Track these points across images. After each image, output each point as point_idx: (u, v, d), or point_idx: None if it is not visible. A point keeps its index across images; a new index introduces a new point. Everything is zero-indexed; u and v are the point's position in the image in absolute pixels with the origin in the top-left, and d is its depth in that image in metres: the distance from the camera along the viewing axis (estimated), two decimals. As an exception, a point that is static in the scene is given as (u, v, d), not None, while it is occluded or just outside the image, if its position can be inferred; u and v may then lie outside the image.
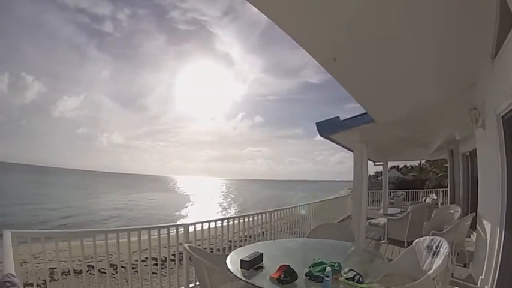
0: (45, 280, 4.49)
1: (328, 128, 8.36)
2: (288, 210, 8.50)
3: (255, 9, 2.72)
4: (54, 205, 40.65)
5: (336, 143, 9.95)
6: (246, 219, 6.84)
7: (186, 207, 52.67)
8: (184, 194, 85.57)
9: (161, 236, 5.21)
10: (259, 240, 6.81)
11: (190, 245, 4.34)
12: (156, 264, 5.91)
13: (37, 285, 4.11)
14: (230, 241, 6.39)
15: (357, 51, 3.94)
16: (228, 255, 3.72)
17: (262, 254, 3.42)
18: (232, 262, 3.42)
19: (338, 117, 8.09)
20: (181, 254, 5.72)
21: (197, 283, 5.36)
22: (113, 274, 6.22)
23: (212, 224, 5.99)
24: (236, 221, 6.56)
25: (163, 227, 5.34)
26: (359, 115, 7.47)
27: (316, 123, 8.31)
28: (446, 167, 17.89)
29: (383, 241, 9.12)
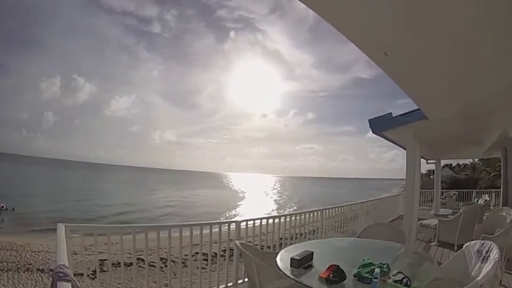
0: (94, 270, 4.78)
1: (380, 125, 8.25)
2: (339, 209, 8.51)
3: (302, 5, 2.70)
4: (108, 201, 42.33)
5: (389, 140, 9.82)
6: (297, 217, 6.90)
7: (238, 204, 53.03)
8: (236, 190, 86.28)
9: (212, 232, 5.41)
10: (309, 239, 6.88)
11: (241, 241, 4.48)
12: (206, 260, 6.12)
13: (87, 275, 4.40)
14: (280, 238, 6.49)
15: (409, 45, 3.81)
16: (278, 253, 3.81)
17: (312, 252, 3.48)
18: (282, 260, 3.50)
19: (390, 113, 7.99)
20: (232, 250, 5.75)
21: (245, 279, 5.50)
22: (162, 268, 6.50)
23: (263, 222, 6.12)
24: (288, 219, 6.60)
25: (215, 223, 5.52)
26: (412, 111, 7.35)
27: (368, 120, 8.24)
28: (500, 165, 17.32)
29: (433, 243, 8.96)
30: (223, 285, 5.53)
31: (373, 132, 8.47)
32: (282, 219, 6.50)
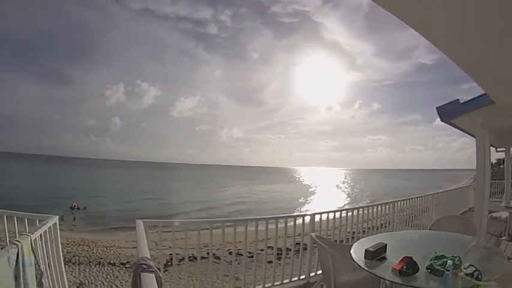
0: (166, 264, 5.07)
1: (448, 113, 8.09)
2: (408, 202, 8.51)
3: (354, -6, 2.51)
4: (179, 199, 43.61)
5: (458, 128, 9.56)
6: (368, 210, 7.02)
7: (308, 198, 52.87)
8: (306, 185, 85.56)
9: (279, 225, 5.54)
10: (378, 232, 6.88)
11: (316, 234, 4.68)
12: (278, 253, 6.18)
13: (158, 269, 4.73)
14: (349, 232, 6.58)
15: (473, 27, 3.54)
16: (352, 245, 3.91)
17: (385, 245, 3.56)
18: (357, 252, 3.59)
19: (458, 99, 7.80)
20: (302, 244, 5.93)
21: (318, 272, 5.63)
22: (232, 262, 6.75)
23: (337, 215, 6.25)
24: (359, 212, 6.74)
25: (290, 216, 5.67)
26: (479, 96, 7.13)
27: (436, 108, 8.07)
28: None
29: (504, 237, 8.73)
30: (296, 278, 5.67)
31: (441, 120, 8.28)
32: (351, 213, 6.60)
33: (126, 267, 11.03)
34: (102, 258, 12.22)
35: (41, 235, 3.62)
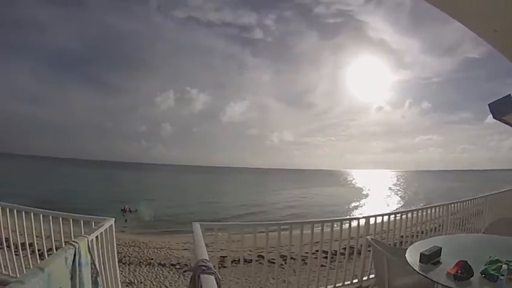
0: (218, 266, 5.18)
1: (501, 109, 7.84)
2: (461, 204, 8.27)
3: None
4: (230, 202, 44.05)
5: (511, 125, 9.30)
6: (420, 213, 6.88)
7: (360, 201, 52.24)
8: (357, 187, 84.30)
9: (334, 228, 5.47)
10: (431, 236, 6.70)
11: (371, 237, 4.68)
12: (333, 257, 5.92)
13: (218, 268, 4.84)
14: (402, 236, 6.53)
15: None
16: (406, 249, 3.88)
17: (440, 248, 3.53)
18: (411, 255, 3.58)
19: (509, 95, 7.61)
20: (352, 247, 5.93)
21: (371, 276, 5.57)
22: (282, 264, 6.80)
23: (386, 218, 6.14)
24: (413, 215, 6.67)
25: (345, 219, 5.76)
26: None
27: (488, 105, 7.80)
28: None
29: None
30: (348, 282, 5.66)
31: (494, 117, 8.03)
32: (408, 215, 6.55)
33: (176, 268, 11.26)
34: (152, 259, 12.52)
35: (97, 236, 3.80)
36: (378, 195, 63.44)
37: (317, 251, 5.60)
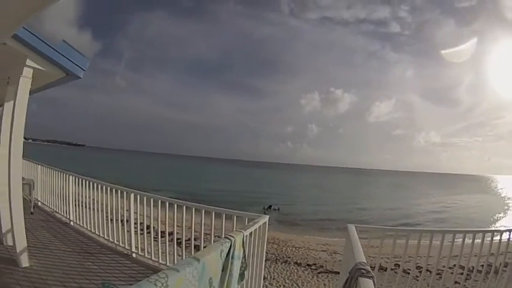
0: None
1: None
2: None
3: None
4: (379, 205, 44.23)
5: None
6: None
7: (508, 211, 47.98)
8: (506, 196, 76.67)
9: (474, 241, 5.04)
10: None
11: None
12: (470, 273, 5.72)
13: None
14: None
15: None
16: None
17: None
18: None
19: None
20: (490, 265, 5.36)
21: None
22: (417, 276, 6.77)
23: None
24: None
25: (497, 231, 5.27)
26: None
27: None
28: None
29: None
30: None
31: None
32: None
33: (311, 269, 11.63)
34: (289, 257, 13.06)
35: (251, 232, 4.13)
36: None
37: (454, 265, 5.39)
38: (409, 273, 5.32)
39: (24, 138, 5.67)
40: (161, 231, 6.33)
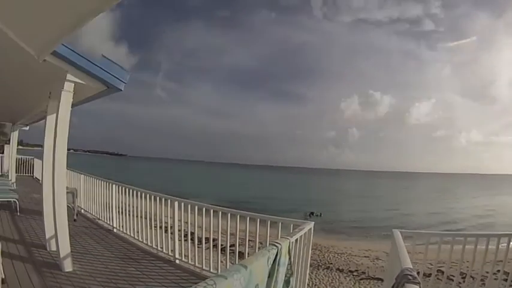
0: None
1: None
2: None
3: None
4: (422, 210, 43.53)
5: None
6: None
7: None
8: None
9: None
10: None
11: None
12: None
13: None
14: None
15: None
16: None
17: None
18: None
19: None
20: None
21: None
22: (460, 283, 6.57)
23: None
24: None
25: None
26: None
27: None
28: None
29: None
30: None
31: None
32: None
33: (353, 275, 11.55)
34: (331, 263, 13.00)
35: (297, 239, 4.12)
36: None
37: (498, 271, 5.18)
38: (453, 279, 5.25)
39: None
40: (205, 238, 6.40)
